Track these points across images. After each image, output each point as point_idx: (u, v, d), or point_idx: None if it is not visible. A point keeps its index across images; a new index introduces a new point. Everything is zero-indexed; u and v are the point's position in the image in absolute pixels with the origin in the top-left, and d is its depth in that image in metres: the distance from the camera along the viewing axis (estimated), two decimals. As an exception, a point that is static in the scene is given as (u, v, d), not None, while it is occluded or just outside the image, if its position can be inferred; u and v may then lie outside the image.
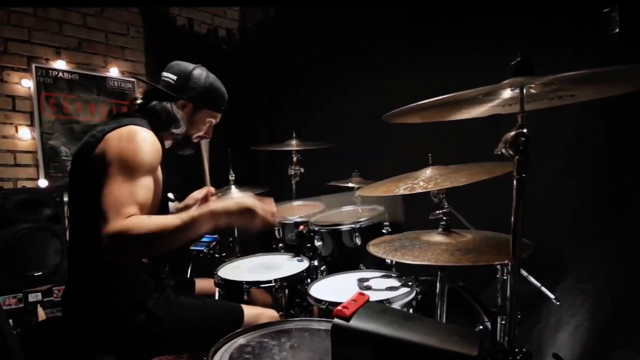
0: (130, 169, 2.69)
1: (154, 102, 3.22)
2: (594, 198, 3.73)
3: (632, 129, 3.48)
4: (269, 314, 3.50)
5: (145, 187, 2.74)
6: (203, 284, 4.04)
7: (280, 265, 4.30)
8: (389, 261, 3.50)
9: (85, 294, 2.99)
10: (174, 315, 3.11)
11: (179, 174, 5.03)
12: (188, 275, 5.20)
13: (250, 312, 3.39)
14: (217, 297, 3.98)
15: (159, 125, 3.19)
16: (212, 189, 4.02)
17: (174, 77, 3.30)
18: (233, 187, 5.38)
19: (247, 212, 2.82)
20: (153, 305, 3.03)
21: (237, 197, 2.82)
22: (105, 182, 2.64)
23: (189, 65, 3.37)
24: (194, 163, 3.92)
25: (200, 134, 3.51)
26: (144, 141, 2.81)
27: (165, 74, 3.35)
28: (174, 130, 3.27)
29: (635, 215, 3.50)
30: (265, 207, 2.90)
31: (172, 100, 3.26)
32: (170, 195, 3.26)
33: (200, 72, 3.36)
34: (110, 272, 2.91)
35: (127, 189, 2.63)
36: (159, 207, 3.08)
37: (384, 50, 5.41)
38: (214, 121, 3.56)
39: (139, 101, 3.27)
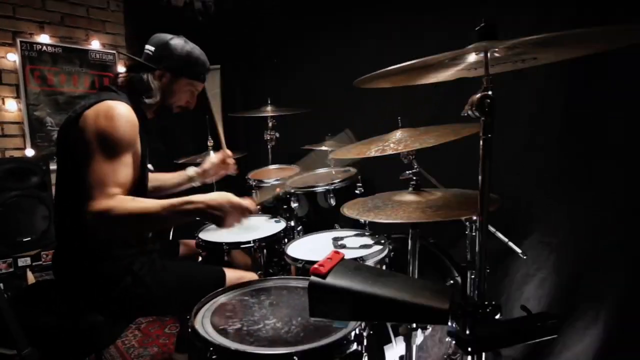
0: (110, 147, 2.72)
1: (132, 74, 3.21)
2: (559, 157, 3.75)
3: (595, 90, 3.49)
4: (250, 276, 3.49)
5: (126, 164, 2.78)
6: (188, 245, 4.08)
7: (258, 227, 4.35)
8: (362, 221, 3.51)
9: (74, 258, 3.03)
10: (159, 279, 3.14)
11: (159, 141, 5.02)
12: (171, 238, 5.22)
13: (232, 275, 3.40)
14: (200, 259, 4.01)
15: (134, 95, 3.18)
16: (229, 152, 4.04)
17: (152, 49, 3.28)
18: (211, 152, 5.43)
19: (226, 209, 2.83)
20: (139, 269, 3.06)
21: (219, 193, 2.80)
22: (87, 160, 2.66)
23: (167, 36, 3.34)
24: (173, 130, 3.93)
25: (181, 103, 3.48)
26: (120, 118, 2.82)
27: (146, 46, 3.31)
28: (147, 100, 3.25)
29: (597, 173, 3.52)
30: (243, 206, 2.92)
31: (149, 70, 3.24)
32: (150, 166, 3.24)
33: (177, 42, 3.34)
34: (95, 239, 2.91)
35: (110, 167, 2.67)
36: (139, 178, 3.08)
37: (355, 19, 5.39)
38: (195, 90, 3.53)
39: (121, 74, 3.27)
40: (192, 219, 2.90)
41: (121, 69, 4.15)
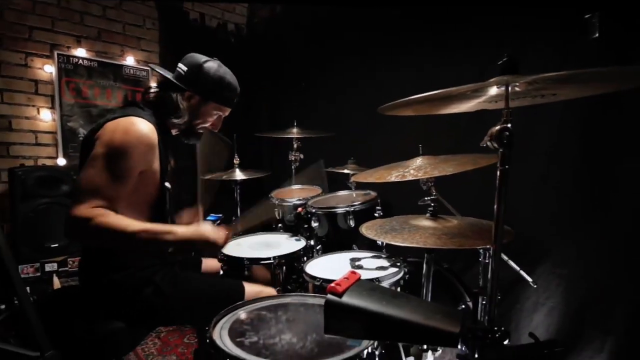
0: (115, 161, 2.71)
1: (162, 92, 3.21)
2: (572, 192, 3.75)
3: (610, 128, 3.49)
4: (268, 291, 3.49)
5: (122, 183, 2.76)
6: (209, 263, 4.04)
7: (279, 244, 4.35)
8: (379, 243, 3.51)
9: (98, 266, 3.02)
10: (179, 289, 3.13)
11: (189, 159, 5.04)
12: (193, 253, 5.25)
13: (250, 289, 3.40)
14: (221, 273, 4.00)
15: (162, 113, 3.18)
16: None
17: (185, 69, 3.25)
18: (237, 169, 5.44)
19: (205, 243, 2.92)
20: (160, 279, 3.06)
21: (195, 229, 2.81)
22: (88, 164, 2.68)
23: (202, 58, 3.30)
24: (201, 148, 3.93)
25: (206, 125, 3.45)
26: (136, 135, 2.81)
27: (179, 64, 3.29)
28: (175, 120, 3.23)
29: (609, 209, 3.51)
30: (216, 243, 2.99)
31: (179, 90, 3.23)
32: (167, 184, 3.23)
33: (211, 66, 3.29)
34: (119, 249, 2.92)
35: (104, 180, 2.67)
36: (156, 196, 3.09)
37: (381, 47, 5.42)
38: (222, 114, 3.51)
39: (151, 90, 3.26)
40: (167, 248, 2.89)
41: (152, 84, 4.20)
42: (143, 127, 2.85)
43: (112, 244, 2.83)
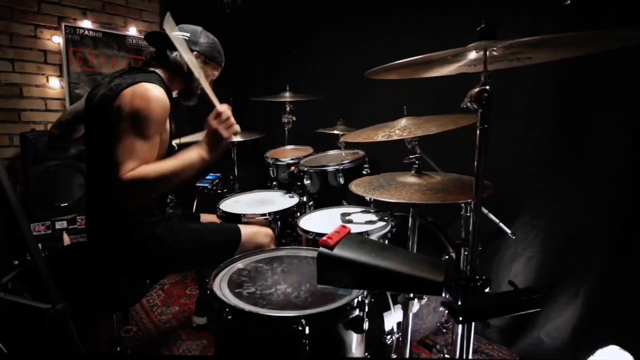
0: (141, 127, 2.72)
1: (175, 54, 3.17)
2: (548, 148, 3.75)
3: (582, 88, 3.50)
4: (264, 231, 3.58)
5: (153, 144, 2.79)
6: (206, 218, 4.04)
7: (274, 201, 4.44)
8: (368, 198, 3.53)
9: (102, 225, 3.06)
10: (179, 239, 3.17)
11: (186, 121, 5.04)
12: (194, 210, 5.25)
13: (246, 230, 3.45)
14: (217, 222, 4.04)
15: (178, 75, 3.22)
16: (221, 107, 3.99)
17: (187, 34, 3.26)
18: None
19: (216, 130, 2.97)
20: (161, 232, 3.09)
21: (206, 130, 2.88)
22: (119, 136, 2.68)
23: (194, 26, 3.37)
24: (200, 111, 3.91)
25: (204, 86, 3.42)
26: (155, 101, 2.82)
27: (177, 33, 3.21)
28: (186, 80, 3.28)
29: (583, 162, 3.53)
30: (223, 117, 3.05)
31: (191, 52, 3.15)
32: (174, 143, 3.24)
33: (206, 33, 3.38)
34: (125, 206, 2.91)
35: (138, 146, 2.68)
36: (166, 154, 3.06)
37: (368, 15, 5.39)
38: (214, 76, 3.55)
39: (170, 54, 3.21)
40: (199, 161, 2.92)
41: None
42: (158, 92, 2.87)
43: (164, 190, 3.00)
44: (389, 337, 3.16)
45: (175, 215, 3.33)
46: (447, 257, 3.67)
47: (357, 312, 2.25)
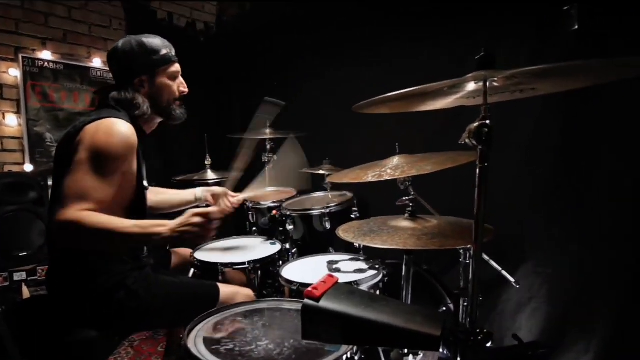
0: (100, 163, 2.71)
1: (113, 94, 3.14)
2: (552, 189, 3.78)
3: (589, 122, 3.53)
4: (245, 292, 3.50)
5: (111, 184, 2.76)
6: (179, 252, 4.11)
7: (254, 248, 4.37)
8: (357, 245, 3.52)
9: (67, 273, 3.00)
10: (153, 293, 3.12)
11: (156, 158, 5.05)
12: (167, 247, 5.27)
13: (226, 290, 3.40)
14: (191, 274, 4.03)
15: (129, 112, 3.15)
16: (230, 192, 3.97)
17: (114, 67, 3.25)
18: (209, 170, 5.50)
19: (190, 229, 2.86)
20: (132, 283, 3.05)
21: (184, 215, 2.85)
22: (72, 169, 2.66)
23: (115, 46, 3.26)
24: (171, 147, 3.93)
25: (176, 95, 3.39)
26: (119, 136, 2.81)
27: (109, 68, 3.28)
28: (136, 112, 3.18)
29: (590, 204, 3.54)
30: (207, 218, 2.94)
31: (128, 85, 3.19)
32: (145, 183, 3.22)
33: (125, 44, 3.23)
34: (90, 254, 2.92)
35: (92, 182, 2.66)
36: (134, 195, 3.07)
37: (354, 44, 5.44)
38: (177, 73, 3.42)
39: (112, 97, 3.15)
40: (162, 241, 2.90)
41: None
42: (124, 128, 2.85)
43: (103, 245, 2.84)
44: (382, 396, 3.12)
45: (148, 264, 3.31)
46: (444, 308, 3.64)
47: (346, 369, 2.23)
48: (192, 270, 4.05)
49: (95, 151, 2.70)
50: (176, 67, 3.40)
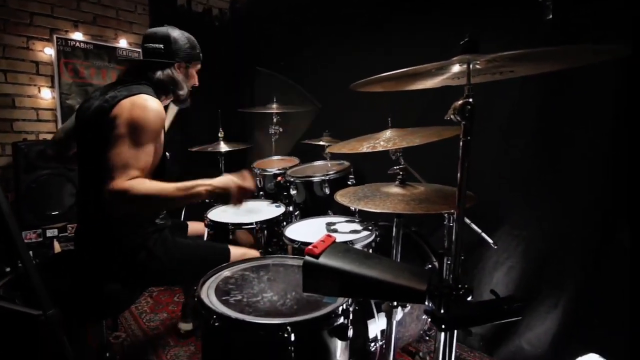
0: (138, 136, 2.70)
1: (157, 73, 3.16)
2: (529, 159, 3.78)
3: (561, 101, 3.53)
4: (252, 253, 3.51)
5: (148, 153, 2.76)
6: (194, 227, 4.07)
7: (260, 210, 4.44)
8: (353, 208, 3.52)
9: (94, 234, 3.02)
10: (170, 254, 3.14)
11: (177, 131, 5.03)
12: (182, 218, 5.24)
13: (235, 251, 3.41)
14: (206, 237, 4.06)
15: (166, 91, 3.20)
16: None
17: (160, 45, 3.22)
18: (222, 142, 5.48)
19: (231, 190, 2.89)
20: (153, 244, 3.06)
21: (224, 177, 2.88)
22: (114, 144, 2.65)
23: (165, 30, 3.30)
24: (189, 121, 3.93)
25: (193, 84, 3.47)
26: (153, 111, 2.81)
27: (149, 45, 3.26)
28: (181, 92, 3.28)
29: (563, 173, 3.55)
30: (245, 187, 2.96)
31: (170, 66, 3.22)
32: (167, 154, 3.23)
33: (177, 33, 3.31)
34: (115, 216, 2.90)
35: (134, 153, 2.66)
36: (160, 165, 3.05)
37: (354, 29, 5.42)
38: (198, 69, 3.51)
39: (155, 75, 3.18)
40: (202, 199, 2.91)
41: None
42: (155, 103, 2.87)
43: (153, 207, 2.95)
44: (372, 344, 3.16)
45: (166, 227, 3.30)
46: (430, 266, 3.66)
47: (341, 319, 2.25)
48: (206, 232, 4.08)
49: (133, 125, 2.70)
50: (200, 65, 3.48)
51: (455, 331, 1.97)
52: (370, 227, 3.50)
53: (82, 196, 3.12)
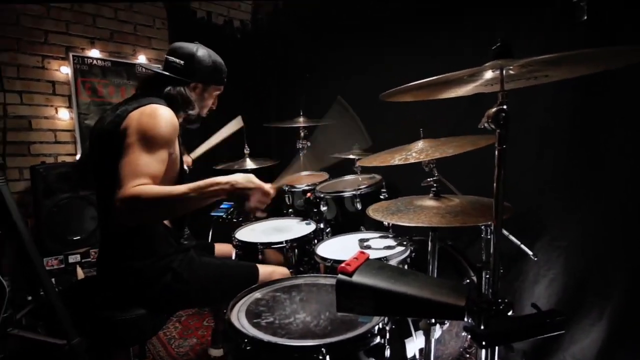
0: (148, 142, 2.71)
1: (168, 87, 3.16)
2: (567, 166, 3.76)
3: (599, 104, 3.51)
4: (281, 271, 3.52)
5: (160, 160, 2.75)
6: (221, 248, 4.05)
7: (290, 228, 4.42)
8: (386, 223, 3.52)
9: (117, 257, 3.02)
10: (197, 274, 3.14)
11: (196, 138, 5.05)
12: (209, 239, 5.26)
13: (264, 270, 3.41)
14: (234, 258, 4.05)
15: (175, 107, 3.13)
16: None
17: (181, 62, 3.22)
18: (248, 159, 5.52)
19: (249, 190, 2.80)
20: (178, 266, 3.07)
21: (242, 175, 2.85)
22: (124, 152, 2.66)
23: (192, 47, 3.30)
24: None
25: (209, 107, 3.48)
26: (163, 117, 2.82)
27: (170, 58, 3.27)
28: (190, 112, 3.24)
29: (603, 180, 3.53)
30: (264, 188, 2.86)
31: (184, 84, 3.21)
32: (185, 167, 3.25)
33: (203, 53, 3.29)
34: (138, 237, 2.94)
35: (143, 160, 2.65)
36: (177, 178, 3.09)
37: (381, 37, 5.43)
38: (219, 92, 3.51)
39: (165, 89, 3.16)
40: (218, 199, 2.81)
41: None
42: (166, 111, 2.88)
43: (165, 212, 2.82)
44: (411, 363, 3.14)
45: (191, 247, 3.32)
46: (468, 280, 3.65)
47: (378, 339, 2.25)
48: (234, 252, 4.07)
49: (142, 132, 2.71)
50: (221, 90, 3.49)
51: (497, 347, 1.97)
52: (404, 243, 3.48)
53: (103, 219, 3.14)
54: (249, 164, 5.36)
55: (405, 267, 3.34)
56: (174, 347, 4.74)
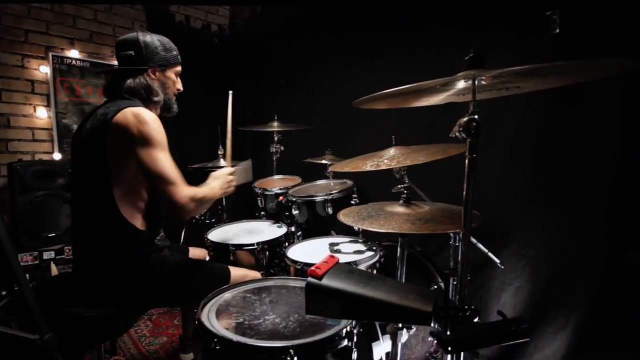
0: (161, 144, 2.83)
1: (129, 80, 3.16)
2: (535, 176, 3.78)
3: (569, 117, 3.53)
4: (253, 274, 3.51)
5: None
6: (195, 252, 4.03)
7: (262, 231, 4.43)
8: (356, 228, 3.53)
9: (91, 255, 3.03)
10: (170, 273, 3.14)
11: (174, 149, 5.05)
12: (181, 241, 5.24)
13: (236, 272, 3.41)
14: (207, 259, 4.04)
15: (143, 100, 3.17)
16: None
17: (131, 52, 3.21)
18: (222, 160, 5.53)
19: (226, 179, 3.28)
20: (151, 264, 3.07)
21: (218, 174, 3.06)
22: (146, 156, 2.78)
23: (134, 35, 3.27)
24: (188, 140, 3.95)
25: (175, 90, 3.47)
26: (154, 121, 2.87)
27: (121, 52, 3.26)
28: (155, 99, 3.25)
29: (571, 191, 3.55)
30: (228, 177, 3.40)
31: (142, 72, 3.20)
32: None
33: (147, 37, 3.28)
34: (112, 235, 2.94)
35: (170, 161, 2.83)
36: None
37: (355, 45, 5.44)
38: (179, 74, 3.49)
39: (126, 84, 3.17)
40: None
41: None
42: (149, 113, 2.93)
43: (206, 207, 3.36)
44: (378, 367, 3.13)
45: (165, 247, 3.32)
46: (435, 286, 3.65)
47: (345, 342, 2.25)
48: (207, 257, 4.08)
49: (148, 136, 2.79)
50: (180, 68, 3.47)
51: (462, 353, 1.97)
52: (374, 248, 3.49)
53: (77, 217, 3.13)
54: (223, 163, 5.35)
55: (374, 271, 3.35)
56: (145, 345, 4.73)
